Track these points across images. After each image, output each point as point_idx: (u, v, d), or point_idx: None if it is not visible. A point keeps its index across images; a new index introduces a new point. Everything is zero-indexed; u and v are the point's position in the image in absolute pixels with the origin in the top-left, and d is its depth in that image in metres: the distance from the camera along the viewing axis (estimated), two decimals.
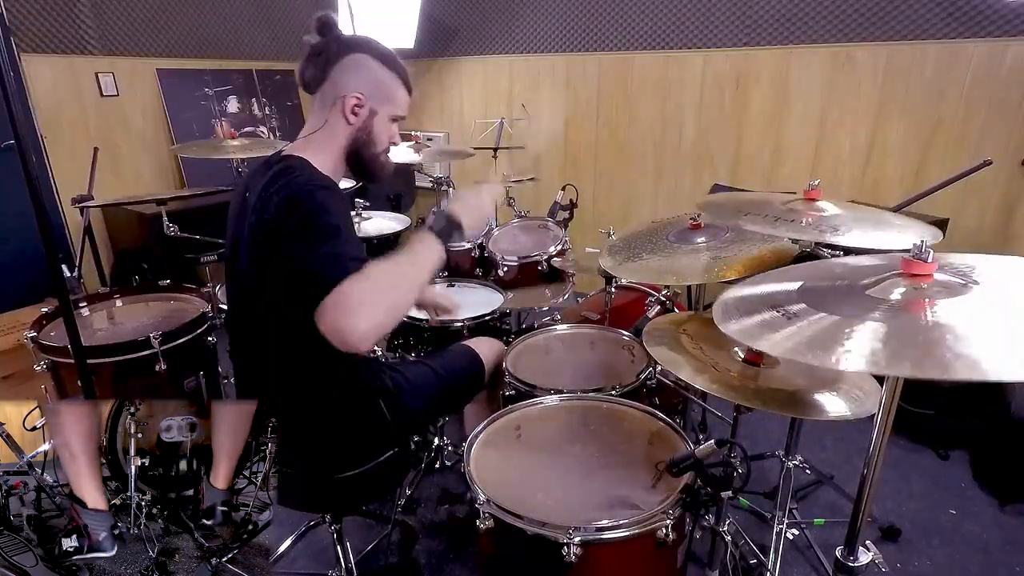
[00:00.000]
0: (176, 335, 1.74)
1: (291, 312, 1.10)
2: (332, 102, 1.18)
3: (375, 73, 1.19)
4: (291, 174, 1.11)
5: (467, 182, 3.99)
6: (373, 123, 1.21)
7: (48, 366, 1.68)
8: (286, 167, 1.14)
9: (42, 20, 2.95)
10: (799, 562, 1.73)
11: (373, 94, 1.19)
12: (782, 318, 0.82)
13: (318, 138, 1.20)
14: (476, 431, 1.23)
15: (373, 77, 1.19)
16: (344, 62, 1.17)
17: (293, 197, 1.06)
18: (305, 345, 1.17)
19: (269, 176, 1.13)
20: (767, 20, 2.89)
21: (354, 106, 1.17)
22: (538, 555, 0.99)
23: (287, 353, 1.20)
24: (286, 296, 1.10)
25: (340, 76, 1.18)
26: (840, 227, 1.19)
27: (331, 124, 1.19)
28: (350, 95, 1.17)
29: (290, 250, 1.03)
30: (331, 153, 1.20)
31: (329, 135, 1.20)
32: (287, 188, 1.08)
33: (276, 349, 1.21)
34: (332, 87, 1.18)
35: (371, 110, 1.20)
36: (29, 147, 1.12)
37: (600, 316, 2.01)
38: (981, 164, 1.92)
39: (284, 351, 1.20)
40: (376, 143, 1.23)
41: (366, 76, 1.18)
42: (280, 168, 1.14)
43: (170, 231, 2.21)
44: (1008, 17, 2.38)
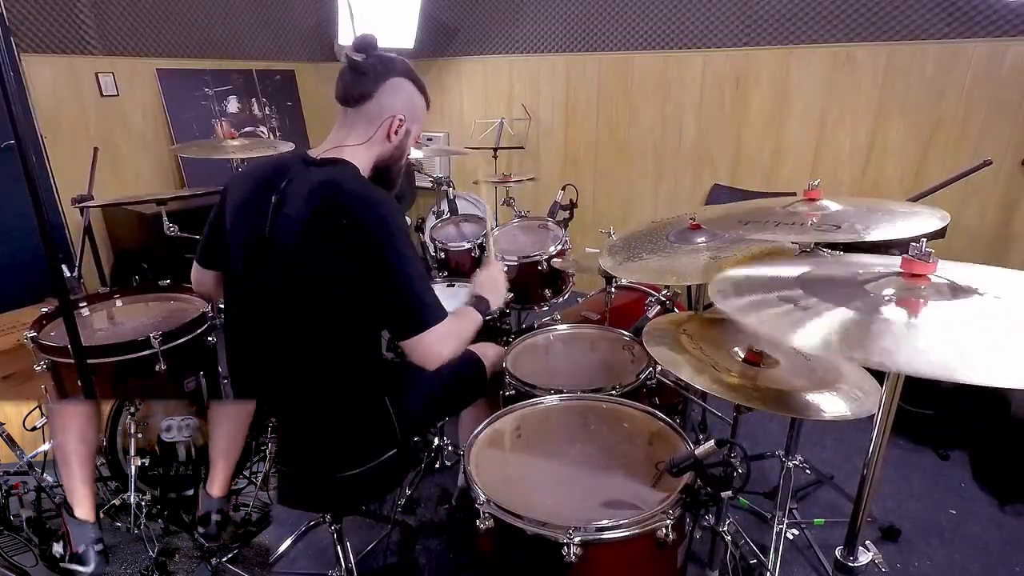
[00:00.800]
0: (176, 335, 1.73)
1: (316, 317, 1.17)
2: (378, 121, 1.26)
3: (412, 97, 1.30)
4: (352, 184, 1.19)
5: (467, 182, 4.00)
6: (406, 142, 1.32)
7: (48, 366, 1.68)
8: (343, 175, 1.20)
9: (42, 20, 2.95)
10: (799, 562, 1.72)
11: (410, 116, 1.29)
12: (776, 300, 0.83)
13: (360, 151, 1.27)
14: (476, 431, 1.23)
15: (411, 100, 1.29)
16: (388, 84, 1.25)
17: (369, 216, 1.13)
18: (317, 348, 1.20)
19: (329, 181, 1.18)
20: (767, 20, 2.89)
21: (397, 127, 1.27)
22: (538, 555, 0.99)
23: (297, 354, 1.21)
24: (336, 299, 1.16)
25: (385, 98, 1.25)
26: (853, 223, 1.18)
27: (373, 140, 1.27)
28: (396, 116, 1.26)
29: (383, 257, 1.13)
30: (366, 165, 1.28)
31: (368, 149, 1.27)
32: (357, 206, 1.14)
33: (286, 350, 1.21)
34: (377, 107, 1.25)
35: (407, 130, 1.30)
36: (29, 147, 1.11)
37: (600, 316, 2.01)
38: (981, 164, 1.92)
39: (295, 352, 1.21)
40: (401, 158, 1.35)
41: (405, 99, 1.28)
42: (334, 175, 1.19)
43: (170, 231, 2.21)
44: (1008, 17, 2.38)
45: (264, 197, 1.20)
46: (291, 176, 1.21)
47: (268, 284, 1.20)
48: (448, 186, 2.87)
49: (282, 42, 4.06)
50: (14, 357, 2.15)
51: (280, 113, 4.05)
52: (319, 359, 1.21)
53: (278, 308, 1.20)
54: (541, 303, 2.23)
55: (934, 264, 0.80)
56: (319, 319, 1.18)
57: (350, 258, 1.13)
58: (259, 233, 1.19)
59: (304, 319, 1.18)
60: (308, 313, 1.18)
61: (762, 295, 0.87)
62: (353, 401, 1.26)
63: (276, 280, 1.19)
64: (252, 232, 1.20)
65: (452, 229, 2.55)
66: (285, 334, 1.21)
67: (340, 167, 1.22)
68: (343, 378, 1.24)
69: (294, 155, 1.28)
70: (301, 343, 1.20)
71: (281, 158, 1.29)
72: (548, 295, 2.23)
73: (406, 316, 1.16)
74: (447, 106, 4.10)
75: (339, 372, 1.24)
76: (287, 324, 1.20)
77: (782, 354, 1.34)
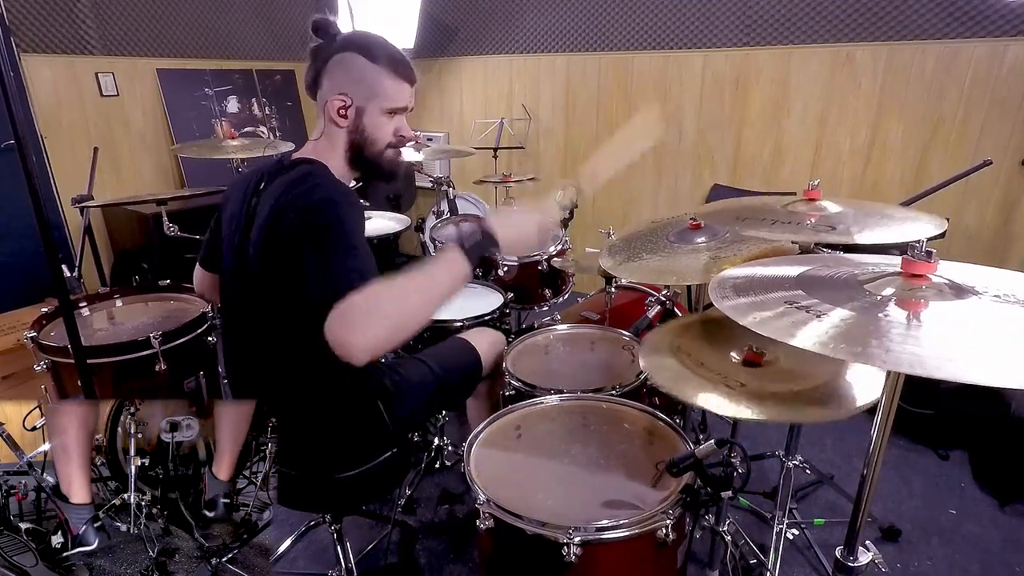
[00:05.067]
0: (176, 335, 1.73)
1: (296, 317, 1.12)
2: (323, 107, 1.18)
3: (359, 70, 1.15)
4: (309, 182, 1.12)
5: (467, 182, 4.00)
6: (363, 122, 1.18)
7: (48, 366, 1.68)
8: (306, 173, 1.15)
9: (42, 20, 2.95)
10: (799, 562, 1.73)
11: (357, 92, 1.16)
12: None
13: (321, 145, 1.21)
14: (476, 431, 1.23)
15: (356, 75, 1.15)
16: (330, 64, 1.16)
17: (312, 207, 1.07)
18: (307, 349, 1.18)
19: (287, 182, 1.14)
20: (767, 20, 2.89)
21: (339, 108, 1.16)
22: (538, 555, 0.99)
23: (288, 356, 1.21)
24: (294, 303, 1.10)
25: (326, 79, 1.17)
26: (849, 225, 1.18)
27: (328, 130, 1.20)
28: (334, 97, 1.15)
29: (304, 260, 1.03)
30: (336, 159, 1.20)
31: (329, 141, 1.20)
32: (306, 197, 1.09)
33: (277, 351, 1.21)
34: (322, 92, 1.18)
35: (358, 109, 1.16)
36: (29, 147, 1.11)
37: (600, 316, 2.01)
38: (981, 164, 1.92)
39: (285, 353, 1.21)
40: (374, 141, 1.20)
41: (349, 75, 1.15)
42: (299, 174, 1.15)
43: (170, 231, 2.21)
44: (1008, 17, 2.38)
45: (246, 200, 1.20)
46: (267, 179, 1.20)
47: (246, 286, 1.21)
48: (448, 186, 2.87)
49: (282, 42, 4.05)
50: (14, 357, 2.14)
51: (280, 113, 4.05)
52: (299, 360, 1.19)
53: (258, 309, 1.20)
54: (541, 303, 2.23)
55: (935, 264, 0.80)
56: (290, 321, 1.15)
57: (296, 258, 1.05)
58: (240, 236, 1.20)
59: (278, 321, 1.17)
60: (280, 315, 1.16)
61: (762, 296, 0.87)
62: (343, 402, 1.25)
63: (251, 282, 1.19)
64: (236, 235, 1.21)
65: (452, 229, 2.55)
66: (267, 335, 1.21)
67: (303, 167, 1.17)
68: (331, 379, 1.21)
69: (280, 158, 1.26)
70: (281, 344, 1.20)
71: (266, 163, 1.28)
72: (548, 295, 2.23)
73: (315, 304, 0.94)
74: (447, 106, 4.10)
75: (326, 372, 1.19)
76: (266, 326, 1.20)
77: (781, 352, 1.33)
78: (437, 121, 4.17)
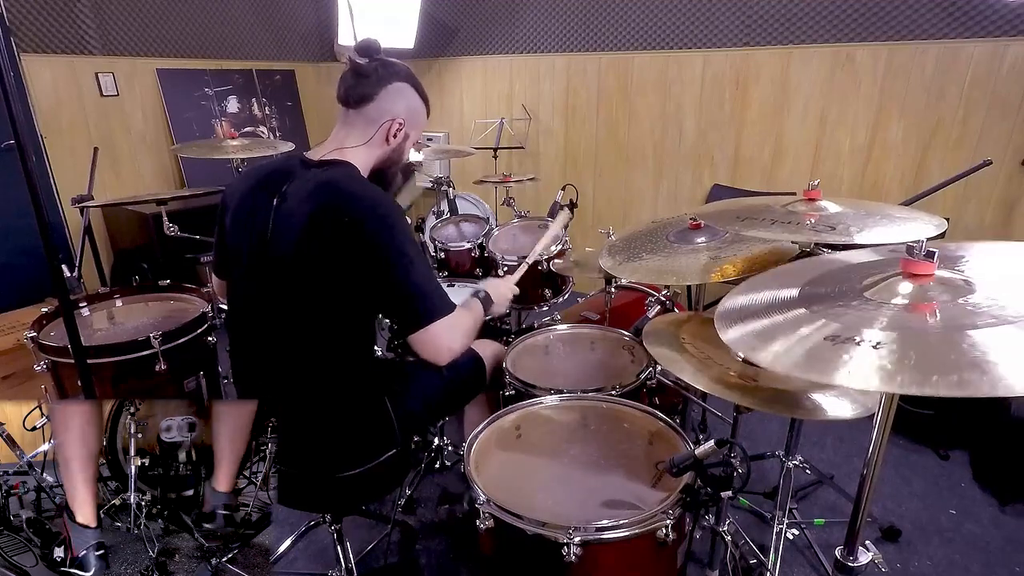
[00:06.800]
0: (176, 335, 1.73)
1: (327, 316, 1.18)
2: (377, 123, 1.28)
3: (413, 102, 1.32)
4: (351, 184, 1.20)
5: (467, 182, 4.00)
6: (405, 145, 1.35)
7: (48, 366, 1.68)
8: (343, 176, 1.22)
9: (42, 20, 2.95)
10: (799, 562, 1.72)
11: (409, 120, 1.32)
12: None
13: (359, 152, 1.29)
14: (476, 431, 1.23)
15: (411, 105, 1.32)
16: (391, 88, 1.28)
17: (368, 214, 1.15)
18: (315, 348, 1.21)
19: (319, 183, 1.19)
20: (767, 20, 2.89)
21: (396, 130, 1.29)
22: (538, 555, 0.99)
23: (297, 355, 1.22)
24: (331, 301, 1.17)
25: (386, 101, 1.28)
26: (848, 225, 1.18)
27: (372, 142, 1.29)
28: (396, 120, 1.29)
29: (369, 268, 1.15)
30: (365, 166, 1.30)
31: (367, 150, 1.30)
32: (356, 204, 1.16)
33: (289, 349, 1.22)
34: (377, 110, 1.28)
35: (406, 134, 1.33)
36: (29, 147, 1.11)
37: (600, 316, 2.01)
38: (981, 164, 1.93)
39: (294, 352, 1.22)
40: (398, 161, 1.38)
41: (406, 104, 1.31)
42: (334, 176, 1.21)
43: (170, 231, 2.21)
44: (1008, 17, 2.38)
45: (265, 199, 1.21)
46: (292, 178, 1.22)
47: (269, 285, 1.21)
48: (448, 186, 2.87)
49: (282, 42, 4.06)
50: (14, 357, 2.14)
51: (280, 113, 4.05)
52: (317, 359, 1.22)
53: (278, 308, 1.21)
54: (541, 303, 2.23)
55: (934, 264, 0.80)
56: (317, 319, 1.19)
57: (351, 257, 1.14)
58: (261, 235, 1.20)
59: (303, 319, 1.19)
60: (307, 313, 1.19)
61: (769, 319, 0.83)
62: (352, 401, 1.26)
63: (277, 281, 1.20)
64: (254, 234, 1.22)
65: (452, 229, 2.55)
66: (285, 334, 1.22)
67: (340, 168, 1.24)
68: (341, 378, 1.25)
69: (293, 158, 1.29)
70: (300, 343, 1.21)
71: (279, 162, 1.31)
72: (548, 295, 2.23)
73: (412, 310, 1.19)
74: (447, 106, 4.09)
75: (337, 372, 1.25)
76: (287, 324, 1.21)
77: None
78: (437, 121, 4.17)
